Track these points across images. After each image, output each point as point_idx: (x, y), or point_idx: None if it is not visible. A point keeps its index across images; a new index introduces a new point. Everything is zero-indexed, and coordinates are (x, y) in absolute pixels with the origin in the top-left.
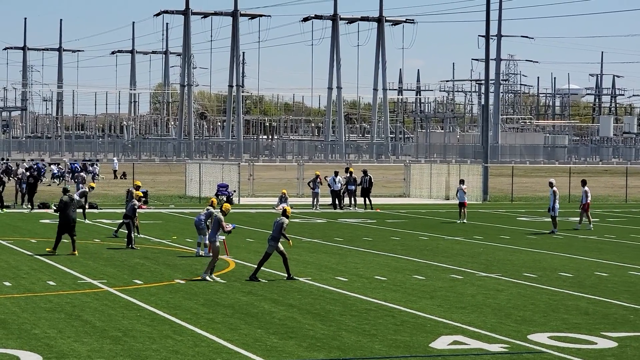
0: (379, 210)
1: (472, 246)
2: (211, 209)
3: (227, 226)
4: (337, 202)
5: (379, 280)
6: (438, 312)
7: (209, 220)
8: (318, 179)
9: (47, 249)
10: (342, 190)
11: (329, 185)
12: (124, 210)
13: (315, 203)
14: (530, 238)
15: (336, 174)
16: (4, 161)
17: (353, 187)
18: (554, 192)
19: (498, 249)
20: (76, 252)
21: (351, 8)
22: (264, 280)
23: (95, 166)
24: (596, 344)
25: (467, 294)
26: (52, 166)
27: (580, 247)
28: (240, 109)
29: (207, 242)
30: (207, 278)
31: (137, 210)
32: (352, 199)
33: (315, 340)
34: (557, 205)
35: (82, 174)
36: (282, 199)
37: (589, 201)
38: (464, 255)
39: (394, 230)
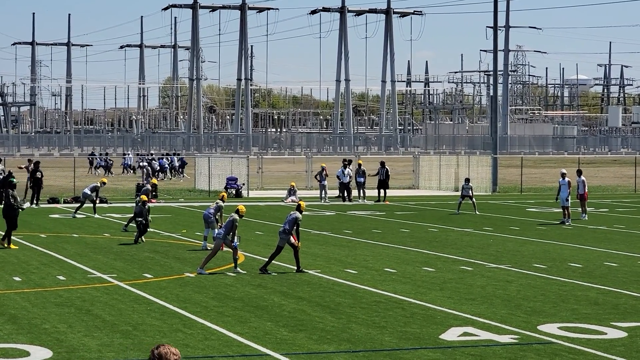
0: (388, 203)
1: (482, 237)
2: (220, 203)
3: (235, 240)
4: (345, 195)
5: (388, 273)
6: (448, 304)
7: (218, 214)
8: (324, 171)
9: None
10: (350, 182)
11: (337, 177)
12: (134, 205)
13: (323, 195)
14: (539, 229)
15: (345, 166)
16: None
17: (362, 179)
18: (568, 182)
19: (508, 240)
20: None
21: (359, 0)
22: (274, 273)
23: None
24: (606, 334)
25: (476, 285)
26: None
27: (590, 238)
28: (249, 103)
29: (214, 235)
30: (202, 271)
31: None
32: (362, 191)
33: (325, 332)
34: (568, 195)
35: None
36: (291, 191)
37: (586, 191)
38: (473, 247)
39: (404, 222)
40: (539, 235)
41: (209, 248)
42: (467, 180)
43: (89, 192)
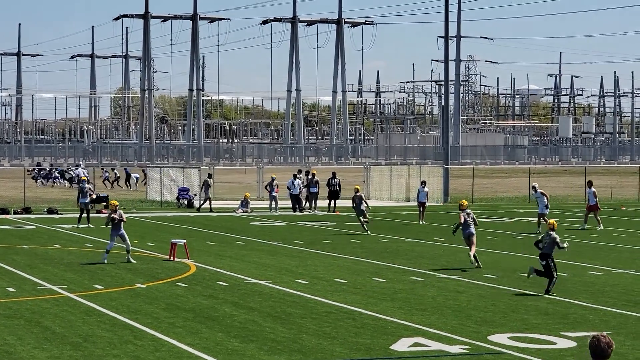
0: (338, 213)
1: (433, 248)
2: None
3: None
4: (296, 205)
5: (339, 283)
6: (399, 314)
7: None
8: (274, 182)
9: None
10: (300, 193)
11: (288, 188)
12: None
13: (273, 206)
14: (490, 239)
15: (295, 177)
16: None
17: (315, 190)
18: (541, 193)
19: (459, 251)
20: None
21: (310, 10)
22: (224, 284)
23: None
24: (556, 344)
25: (427, 295)
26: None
27: None
28: (200, 113)
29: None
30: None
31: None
32: (313, 202)
33: (276, 343)
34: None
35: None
36: (244, 202)
37: (597, 202)
38: (424, 257)
39: (354, 233)
40: (490, 246)
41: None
42: (424, 182)
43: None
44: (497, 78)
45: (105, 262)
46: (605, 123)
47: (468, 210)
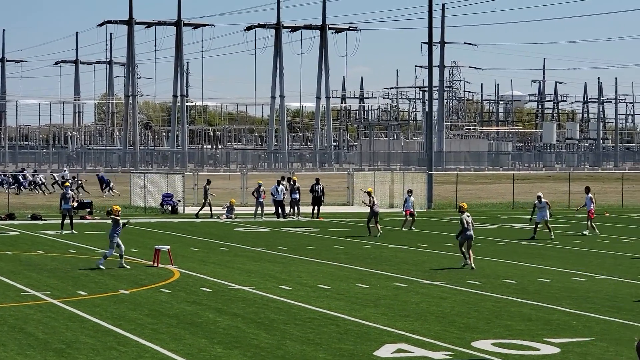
0: (322, 219)
1: (416, 254)
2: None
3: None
4: (280, 211)
5: (322, 289)
6: (382, 321)
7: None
8: (261, 188)
9: None
10: (284, 199)
11: (271, 194)
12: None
13: (260, 212)
14: (474, 245)
15: (278, 183)
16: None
17: (297, 196)
18: (546, 203)
19: (442, 257)
20: None
21: (294, 16)
22: (208, 290)
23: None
24: (539, 350)
25: (411, 302)
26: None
27: (524, 254)
28: (184, 119)
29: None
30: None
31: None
32: (296, 207)
33: (259, 349)
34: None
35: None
36: (229, 209)
37: (592, 208)
38: (407, 264)
39: (338, 238)
40: (473, 252)
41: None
42: (410, 191)
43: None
44: (481, 84)
45: (102, 267)
46: (589, 129)
47: (468, 213)
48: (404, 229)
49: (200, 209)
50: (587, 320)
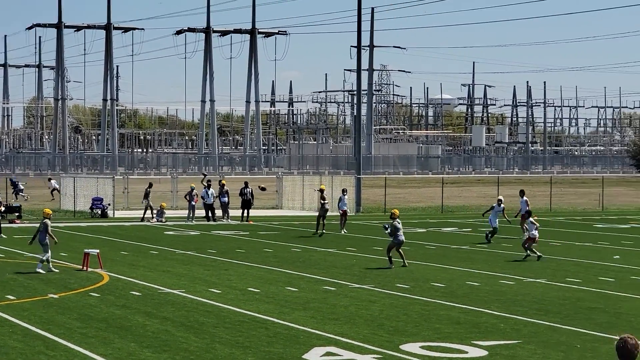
0: (252, 223)
1: (345, 258)
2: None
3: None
4: (209, 215)
5: (252, 292)
6: (311, 324)
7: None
8: (194, 192)
9: None
10: (214, 203)
11: (202, 197)
12: None
13: (191, 215)
14: (403, 249)
15: (209, 186)
16: None
17: (226, 199)
18: (503, 208)
19: (371, 260)
20: None
21: (224, 20)
22: (137, 294)
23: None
24: (467, 352)
25: (340, 305)
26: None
27: (453, 257)
28: (114, 123)
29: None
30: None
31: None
32: (225, 211)
33: (188, 353)
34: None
35: None
36: (159, 212)
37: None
38: (337, 267)
39: (267, 242)
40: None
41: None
42: (344, 191)
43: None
44: (410, 88)
45: (41, 271)
46: (518, 133)
47: (399, 220)
48: (344, 232)
49: (145, 213)
50: (515, 323)
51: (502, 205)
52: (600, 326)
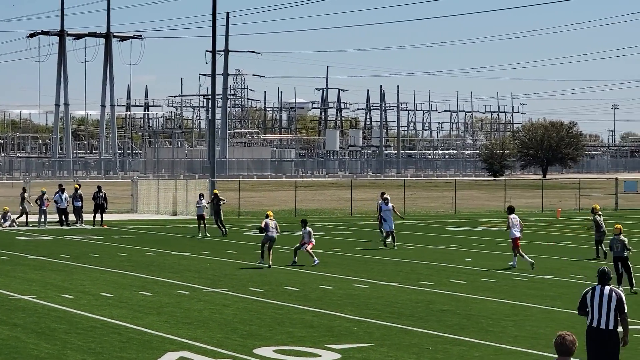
0: (106, 227)
1: (199, 261)
2: None
3: None
4: (63, 219)
5: (105, 297)
6: (165, 329)
7: None
8: (45, 196)
9: None
10: (67, 207)
11: (55, 202)
12: None
13: (42, 220)
14: (256, 253)
15: (62, 190)
16: None
17: (79, 204)
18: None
19: (225, 264)
20: None
21: (79, 24)
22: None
23: None
24: (320, 356)
25: (194, 309)
26: None
27: (306, 261)
28: None
29: None
30: None
31: None
32: (79, 215)
33: (39, 359)
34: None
35: None
36: (5, 216)
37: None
38: (191, 271)
39: (121, 246)
40: (256, 259)
41: None
42: (201, 195)
43: None
44: (265, 92)
45: None
46: (371, 136)
47: (274, 220)
48: (207, 235)
49: (19, 217)
50: (368, 326)
51: (390, 204)
52: (451, 328)
